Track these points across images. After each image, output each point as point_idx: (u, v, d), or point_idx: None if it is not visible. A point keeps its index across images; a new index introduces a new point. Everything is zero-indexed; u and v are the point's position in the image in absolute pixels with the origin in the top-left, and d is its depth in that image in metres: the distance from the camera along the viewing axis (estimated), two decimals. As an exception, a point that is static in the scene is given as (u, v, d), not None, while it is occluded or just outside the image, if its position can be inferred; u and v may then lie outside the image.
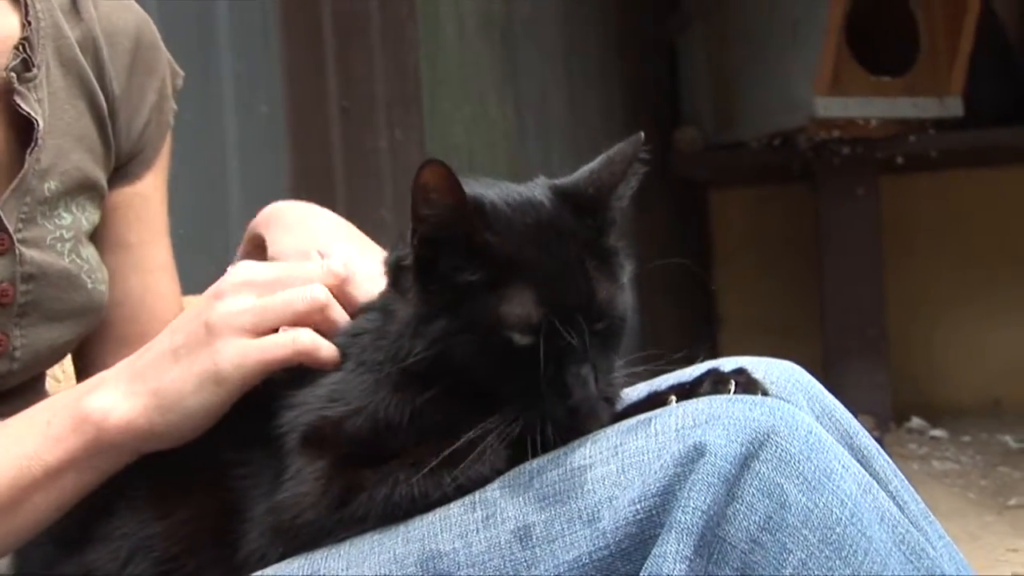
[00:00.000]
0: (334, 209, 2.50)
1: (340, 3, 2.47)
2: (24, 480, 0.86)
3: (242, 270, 0.88)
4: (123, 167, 1.14)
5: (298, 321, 0.86)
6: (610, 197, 0.84)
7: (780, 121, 4.19)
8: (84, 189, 1.08)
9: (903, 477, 0.88)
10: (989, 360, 4.66)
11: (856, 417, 0.90)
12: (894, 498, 0.83)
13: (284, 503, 0.82)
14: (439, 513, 0.79)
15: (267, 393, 0.87)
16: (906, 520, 0.78)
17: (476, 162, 3.10)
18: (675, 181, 4.68)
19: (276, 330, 0.86)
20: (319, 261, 0.92)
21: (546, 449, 0.80)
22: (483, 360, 0.80)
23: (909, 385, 4.39)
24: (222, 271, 1.18)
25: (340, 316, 0.88)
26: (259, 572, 0.83)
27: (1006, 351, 4.64)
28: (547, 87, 3.65)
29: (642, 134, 0.85)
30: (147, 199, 1.16)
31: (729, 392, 0.81)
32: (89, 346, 1.15)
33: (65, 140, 1.06)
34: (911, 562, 0.76)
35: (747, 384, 0.82)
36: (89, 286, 1.06)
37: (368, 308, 0.88)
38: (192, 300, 1.72)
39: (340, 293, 0.89)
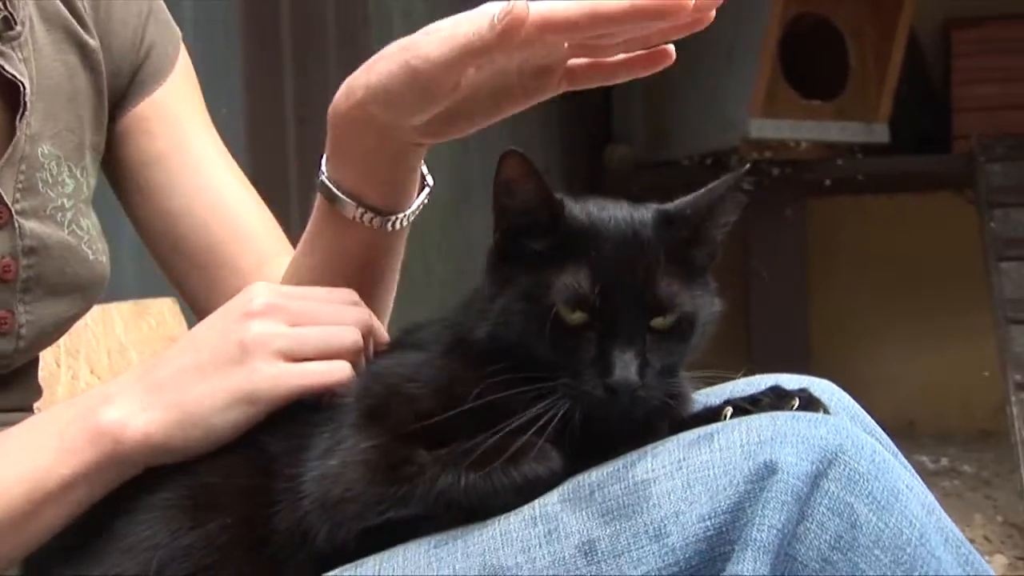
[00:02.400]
0: (288, 214, 2.48)
1: (297, 9, 2.44)
2: (38, 494, 0.84)
3: (269, 293, 0.87)
4: (123, 95, 1.09)
5: (333, 357, 0.86)
6: (703, 215, 0.85)
7: (713, 141, 4.24)
8: (83, 150, 1.02)
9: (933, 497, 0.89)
10: (905, 383, 4.76)
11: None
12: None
13: (332, 472, 0.80)
14: (499, 527, 0.77)
15: None
16: (967, 542, 0.78)
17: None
18: (605, 198, 4.70)
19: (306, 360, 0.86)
20: (353, 306, 0.91)
21: (589, 434, 0.79)
22: (534, 333, 0.80)
23: (828, 405, 4.46)
24: None
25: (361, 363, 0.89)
26: None
27: (921, 374, 4.75)
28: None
29: (748, 166, 0.87)
30: (169, 107, 1.10)
31: (791, 408, 0.80)
32: (180, 274, 1.11)
33: (55, 100, 1.00)
34: (976, 583, 0.76)
35: (808, 402, 0.82)
36: (91, 258, 1.01)
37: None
38: (167, 303, 1.68)
39: (365, 341, 0.90)
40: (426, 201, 1.00)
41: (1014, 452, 3.03)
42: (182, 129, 1.11)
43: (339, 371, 0.86)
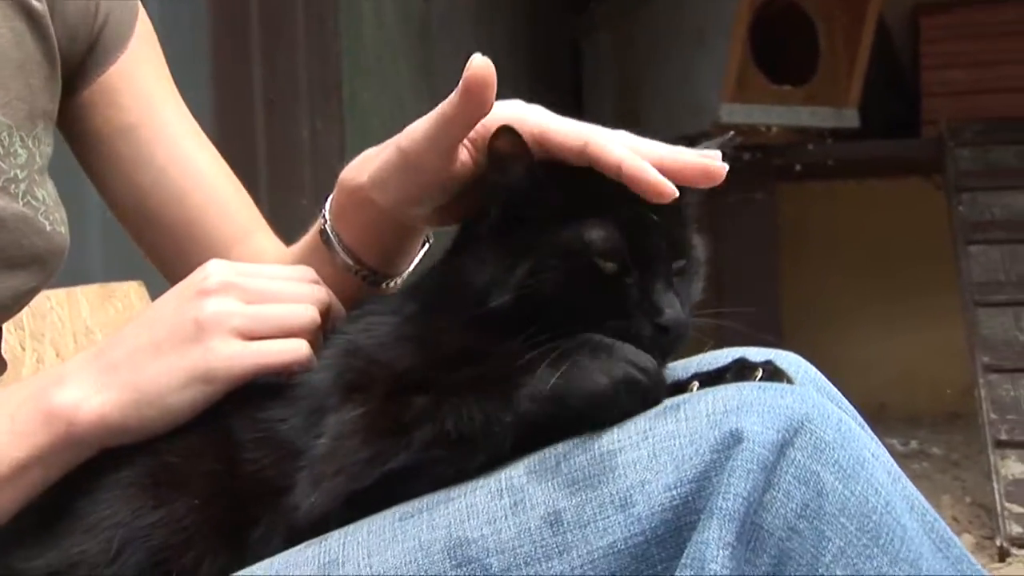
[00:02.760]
0: (256, 198, 2.45)
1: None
2: None
3: (224, 271, 0.86)
4: (82, 64, 1.06)
5: (290, 336, 0.85)
6: None
7: (684, 125, 4.24)
8: (35, 119, 0.99)
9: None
10: (876, 366, 4.79)
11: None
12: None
13: (323, 450, 0.79)
14: (465, 500, 0.77)
15: None
16: (932, 510, 0.78)
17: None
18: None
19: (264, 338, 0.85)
20: (310, 284, 0.90)
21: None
22: (574, 289, 0.82)
23: (799, 389, 4.48)
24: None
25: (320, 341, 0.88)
26: (268, 560, 0.80)
27: (892, 358, 4.78)
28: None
29: (732, 133, 0.91)
30: (134, 76, 1.07)
31: (756, 380, 0.80)
32: (155, 248, 1.10)
33: (3, 69, 0.96)
34: (941, 551, 0.76)
35: (773, 373, 0.82)
36: (48, 228, 0.98)
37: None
38: (133, 286, 1.66)
39: (324, 318, 0.89)
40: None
41: (981, 433, 3.06)
42: (150, 99, 1.08)
43: (296, 349, 0.85)
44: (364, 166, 0.90)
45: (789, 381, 0.81)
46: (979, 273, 3.55)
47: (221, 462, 0.83)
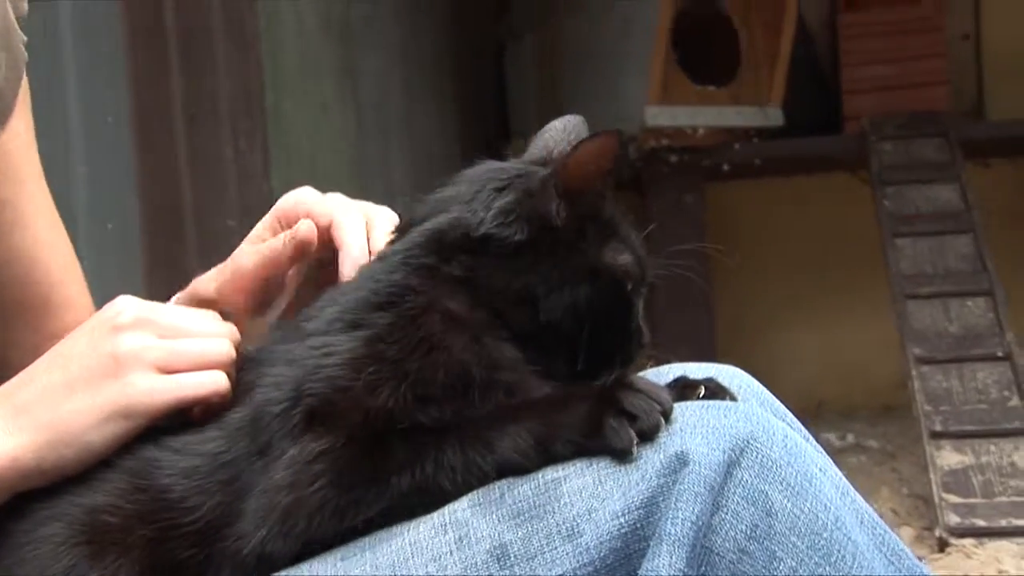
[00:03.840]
0: (180, 218, 2.40)
1: (183, 4, 2.38)
2: None
3: (137, 306, 0.85)
4: None
5: (207, 368, 0.84)
6: None
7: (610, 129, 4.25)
8: None
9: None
10: (809, 362, 4.83)
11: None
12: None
13: (279, 481, 0.76)
14: (408, 536, 0.74)
15: None
16: (882, 522, 0.78)
17: (319, 165, 3.04)
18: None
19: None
20: (220, 321, 0.89)
21: None
22: (605, 308, 0.85)
23: (734, 387, 4.51)
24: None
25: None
26: None
27: (825, 353, 4.83)
28: (385, 89, 3.61)
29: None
30: (11, 153, 1.03)
31: (697, 398, 0.79)
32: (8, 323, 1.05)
33: None
34: (892, 564, 0.75)
35: (715, 390, 0.81)
36: None
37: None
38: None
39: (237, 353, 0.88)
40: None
41: (916, 425, 3.09)
42: (22, 182, 1.05)
43: (216, 381, 0.83)
44: (212, 279, 0.96)
45: (732, 398, 0.80)
46: (907, 266, 3.59)
47: (151, 502, 0.79)
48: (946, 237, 3.65)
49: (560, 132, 0.97)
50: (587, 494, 0.73)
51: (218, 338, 0.86)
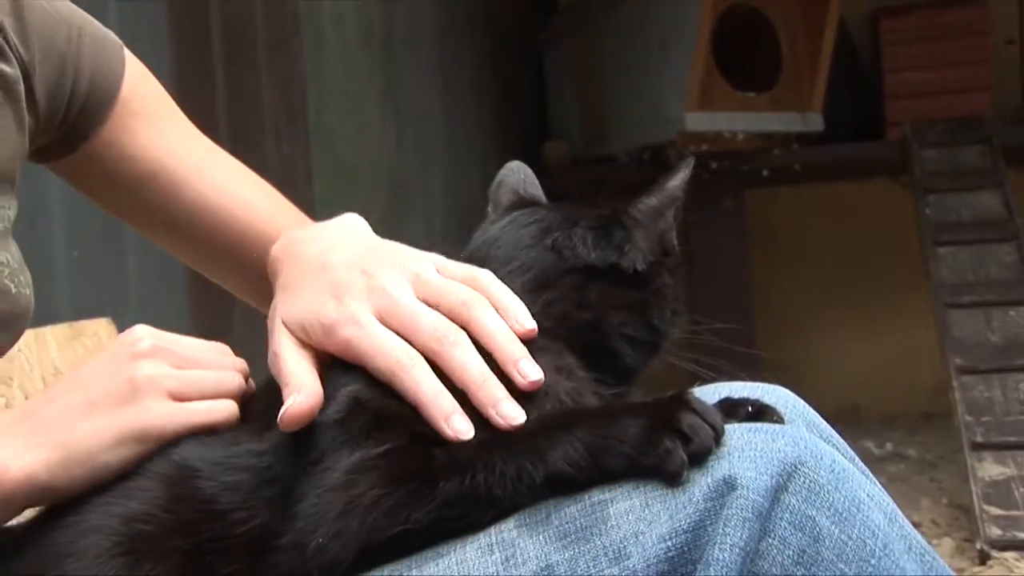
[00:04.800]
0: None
1: (227, 16, 2.40)
2: None
3: (154, 336, 0.88)
4: (74, 123, 1.04)
5: (220, 397, 0.87)
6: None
7: (650, 135, 4.25)
8: (3, 180, 0.97)
9: (892, 501, 0.88)
10: (848, 368, 4.80)
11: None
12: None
13: (333, 481, 0.77)
14: (455, 556, 0.75)
15: None
16: (931, 548, 0.77)
17: (359, 176, 3.05)
18: (544, 195, 4.69)
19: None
20: (231, 356, 0.92)
21: None
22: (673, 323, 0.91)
23: (773, 393, 4.49)
24: (118, 295, 1.12)
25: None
26: None
27: (864, 359, 4.80)
28: (425, 101, 3.62)
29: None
30: (130, 127, 1.06)
31: (742, 418, 0.79)
32: (218, 266, 1.13)
33: None
34: (940, 590, 0.75)
35: (760, 411, 0.80)
36: (13, 291, 0.96)
37: None
38: (102, 324, 1.63)
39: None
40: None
41: (957, 435, 3.06)
42: (156, 143, 1.08)
43: (227, 409, 0.86)
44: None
45: (778, 418, 0.80)
46: (948, 275, 3.57)
47: (197, 533, 0.80)
48: (988, 245, 3.62)
49: (516, 174, 1.03)
50: (634, 516, 0.73)
51: (229, 371, 0.89)
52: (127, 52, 1.10)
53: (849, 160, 4.44)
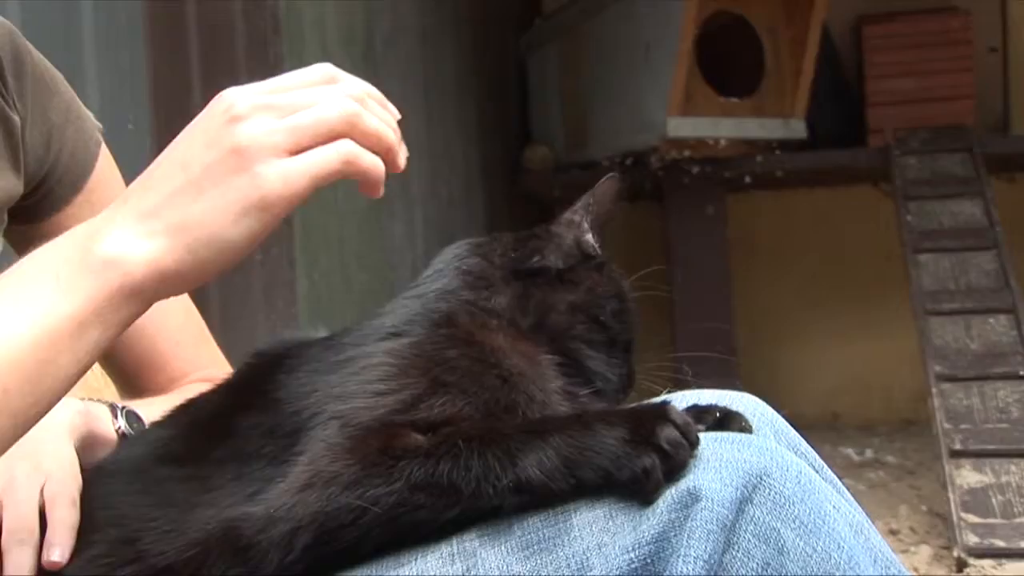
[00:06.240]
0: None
1: (204, 18, 2.38)
2: (47, 338, 0.73)
3: (248, 93, 0.78)
4: (45, 194, 1.05)
5: (333, 137, 0.78)
6: None
7: (632, 141, 4.24)
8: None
9: (862, 510, 0.87)
10: (829, 375, 4.81)
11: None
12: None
13: (300, 462, 0.76)
14: (415, 567, 0.74)
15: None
16: (896, 559, 0.77)
17: (340, 182, 3.04)
18: (524, 199, 4.70)
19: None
20: (337, 83, 0.81)
21: None
22: (625, 325, 0.94)
23: (754, 399, 4.50)
24: None
25: (371, 125, 0.79)
26: None
27: (844, 364, 4.81)
28: (406, 104, 3.61)
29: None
30: (97, 207, 1.03)
31: (706, 426, 0.78)
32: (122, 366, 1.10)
33: None
34: (905, 604, 0.75)
35: (725, 419, 0.80)
36: None
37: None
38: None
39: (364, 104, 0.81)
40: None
41: (936, 442, 3.07)
42: None
43: (346, 151, 0.77)
44: None
45: (744, 426, 0.79)
46: (929, 282, 3.57)
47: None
48: (969, 253, 3.62)
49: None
50: (597, 528, 0.72)
51: (335, 102, 0.78)
52: (103, 146, 1.10)
53: (831, 167, 4.45)
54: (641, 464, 0.72)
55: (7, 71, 0.99)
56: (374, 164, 0.79)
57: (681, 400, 0.88)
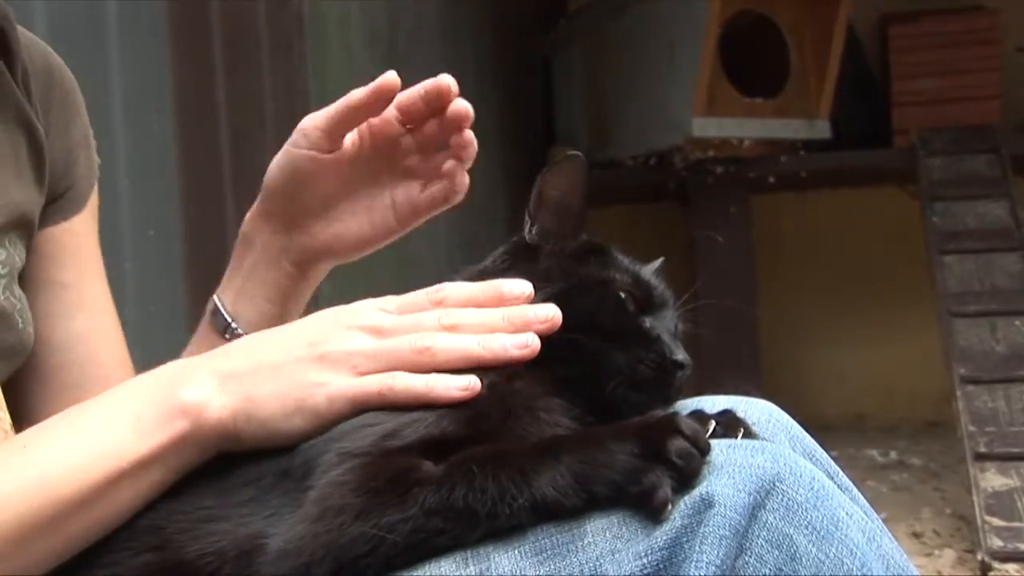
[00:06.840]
0: (224, 233, 2.41)
1: (228, 14, 2.39)
2: (114, 472, 0.80)
3: (373, 313, 0.86)
4: (54, 204, 1.07)
5: (402, 367, 0.83)
6: None
7: (656, 140, 4.24)
8: (20, 226, 1.00)
9: (877, 517, 0.87)
10: (853, 376, 4.79)
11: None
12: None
13: (310, 497, 0.76)
14: (427, 571, 0.74)
15: None
16: (910, 566, 0.76)
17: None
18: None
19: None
20: (432, 311, 0.88)
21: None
22: (606, 319, 0.90)
23: (777, 401, 4.47)
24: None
25: (443, 357, 0.84)
26: None
27: (868, 367, 4.79)
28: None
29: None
30: (80, 238, 1.09)
31: (709, 434, 0.78)
32: (29, 395, 1.06)
33: (4, 174, 0.99)
34: (918, 612, 0.74)
35: (729, 425, 0.80)
36: (20, 326, 0.99)
37: None
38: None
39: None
40: None
41: (960, 445, 3.05)
42: (89, 271, 1.10)
43: (387, 385, 0.82)
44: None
45: (748, 432, 0.80)
46: (954, 283, 3.55)
47: None
48: (994, 255, 3.60)
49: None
50: (611, 534, 0.72)
51: (416, 336, 0.84)
52: (95, 186, 1.14)
53: (856, 167, 4.43)
54: (651, 479, 0.72)
55: (33, 81, 1.03)
56: (408, 393, 0.82)
57: (696, 405, 0.89)
